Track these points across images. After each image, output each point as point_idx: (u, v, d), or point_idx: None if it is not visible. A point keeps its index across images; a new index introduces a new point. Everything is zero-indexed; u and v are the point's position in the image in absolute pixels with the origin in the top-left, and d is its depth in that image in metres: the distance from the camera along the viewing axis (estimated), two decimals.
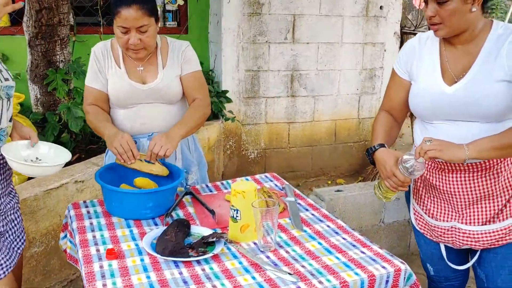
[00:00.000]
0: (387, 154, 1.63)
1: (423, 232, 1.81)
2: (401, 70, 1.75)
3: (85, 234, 1.60)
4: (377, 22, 4.43)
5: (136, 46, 1.87)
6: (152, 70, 1.99)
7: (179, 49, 2.03)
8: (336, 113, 4.59)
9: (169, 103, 2.02)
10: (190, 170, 2.13)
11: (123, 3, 1.81)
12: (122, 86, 1.97)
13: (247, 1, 3.99)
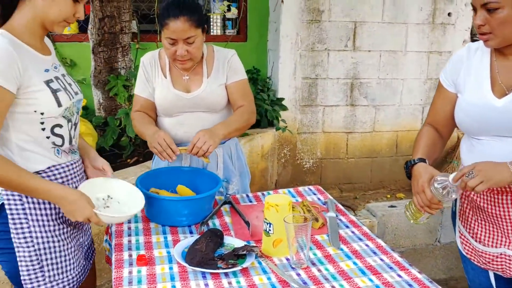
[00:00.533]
0: (424, 170, 1.53)
1: (470, 258, 1.67)
2: (447, 81, 1.64)
3: (122, 238, 1.63)
4: (444, 30, 4.21)
5: (183, 57, 1.89)
6: (197, 79, 2.01)
7: (225, 58, 2.04)
8: (398, 124, 4.41)
9: (212, 111, 2.03)
10: (231, 180, 2.12)
11: (170, 15, 1.83)
12: (167, 95, 2.01)
13: (307, 8, 3.94)
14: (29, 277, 1.45)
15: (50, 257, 1.48)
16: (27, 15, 1.42)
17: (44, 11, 1.42)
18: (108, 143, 3.28)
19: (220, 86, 2.02)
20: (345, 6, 3.99)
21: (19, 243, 1.43)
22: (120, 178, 2.80)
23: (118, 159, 3.36)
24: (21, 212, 1.43)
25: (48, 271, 1.47)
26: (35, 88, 1.40)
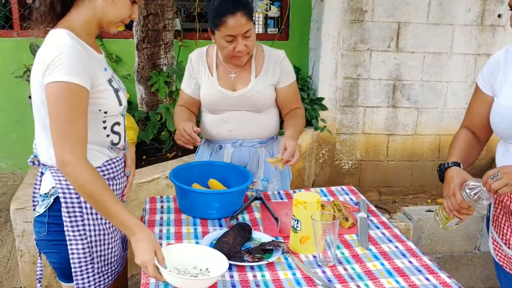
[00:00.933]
0: (457, 174, 1.49)
1: (502, 265, 1.61)
2: (484, 84, 1.59)
3: (153, 228, 1.68)
4: (494, 32, 4.06)
5: (243, 52, 1.89)
6: (244, 77, 2.01)
7: (276, 59, 2.01)
8: (441, 127, 4.29)
9: (257, 111, 2.03)
10: (271, 180, 2.11)
11: (227, 12, 1.82)
12: (212, 93, 2.02)
13: (350, 8, 3.90)
14: (80, 269, 1.48)
15: (100, 249, 1.51)
16: (85, 14, 1.43)
17: (103, 12, 1.43)
18: (149, 137, 3.37)
19: (268, 86, 2.00)
20: (389, 6, 3.92)
21: (73, 236, 1.45)
22: (159, 171, 2.89)
23: (158, 153, 3.44)
24: (77, 206, 1.45)
25: (97, 263, 1.50)
26: (102, 88, 1.42)
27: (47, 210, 1.47)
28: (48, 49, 1.35)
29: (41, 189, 1.49)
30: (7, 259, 2.95)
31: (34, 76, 1.39)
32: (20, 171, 4.27)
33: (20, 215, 2.39)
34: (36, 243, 1.59)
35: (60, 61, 1.31)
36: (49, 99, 1.32)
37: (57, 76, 1.31)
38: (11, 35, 4.02)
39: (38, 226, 1.51)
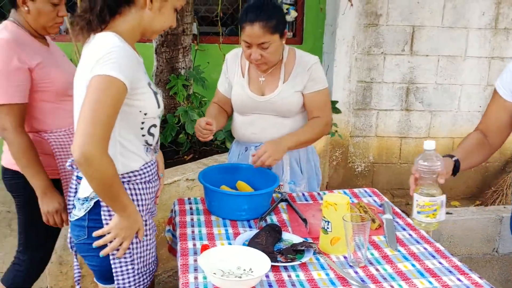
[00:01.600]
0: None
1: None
2: (504, 90, 1.61)
3: (185, 229, 1.72)
4: (508, 35, 4.09)
5: (257, 61, 1.93)
6: (273, 83, 2.03)
7: (306, 65, 2.01)
8: (455, 130, 4.31)
9: (283, 116, 2.05)
10: (298, 183, 2.14)
11: (247, 20, 1.86)
12: (241, 95, 2.06)
13: (364, 12, 3.94)
14: (121, 270, 1.50)
15: (140, 251, 1.53)
16: (132, 22, 1.45)
17: (150, 22, 1.47)
18: (167, 139, 3.41)
19: (295, 92, 2.01)
20: (404, 10, 3.96)
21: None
22: (179, 173, 2.93)
23: (176, 155, 3.48)
24: None
25: (137, 264, 1.53)
26: (143, 90, 1.44)
27: (86, 213, 1.48)
28: (99, 47, 1.36)
29: (80, 193, 1.50)
30: None
31: (81, 75, 1.40)
32: None
33: None
34: (71, 246, 1.63)
35: (110, 57, 1.33)
36: (91, 89, 1.32)
37: (104, 69, 1.32)
38: None
39: (77, 230, 1.52)
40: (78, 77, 1.43)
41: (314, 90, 2.03)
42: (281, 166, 2.11)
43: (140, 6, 1.44)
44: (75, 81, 1.46)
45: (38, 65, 1.80)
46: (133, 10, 1.44)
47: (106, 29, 1.43)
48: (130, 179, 1.50)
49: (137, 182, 1.51)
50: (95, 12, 1.41)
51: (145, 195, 1.54)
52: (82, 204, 1.50)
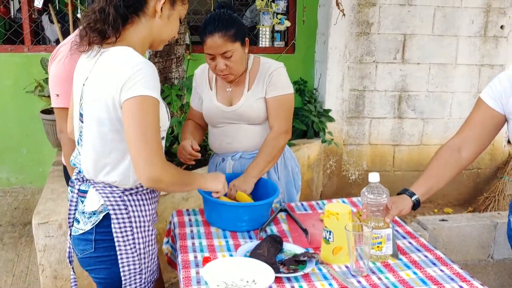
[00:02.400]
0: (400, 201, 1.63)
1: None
2: (493, 101, 1.63)
3: (185, 241, 1.71)
4: (497, 43, 4.15)
5: (223, 72, 1.94)
6: (239, 92, 2.05)
7: (267, 71, 2.02)
8: (447, 137, 4.30)
9: (254, 123, 2.07)
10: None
11: (207, 32, 1.88)
12: (210, 107, 2.09)
13: (356, 20, 3.97)
14: (130, 280, 1.50)
15: (147, 260, 1.53)
16: (142, 32, 1.45)
17: (159, 31, 1.47)
18: None
19: (258, 100, 2.02)
20: (395, 18, 4.00)
21: (124, 250, 1.47)
22: None
23: None
24: (127, 220, 1.47)
25: (144, 273, 1.53)
26: (161, 103, 1.43)
27: (94, 227, 1.47)
28: (123, 65, 1.35)
29: (87, 207, 1.48)
30: (25, 274, 2.95)
31: (103, 91, 1.37)
32: (30, 185, 4.27)
33: (42, 230, 2.41)
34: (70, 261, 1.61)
35: (140, 76, 1.33)
36: (132, 111, 1.33)
37: (140, 90, 1.33)
38: (22, 50, 4.05)
39: (83, 244, 1.50)
40: (97, 92, 1.39)
41: (271, 96, 2.01)
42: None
43: (150, 15, 1.44)
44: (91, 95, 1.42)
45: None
46: (143, 20, 1.44)
47: (119, 40, 1.42)
48: (138, 190, 1.50)
49: (144, 192, 1.52)
50: (108, 22, 1.39)
51: (150, 204, 1.55)
52: (89, 218, 1.49)
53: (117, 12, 1.39)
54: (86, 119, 1.45)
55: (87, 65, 1.46)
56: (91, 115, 1.42)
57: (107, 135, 1.42)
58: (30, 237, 3.26)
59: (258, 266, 1.42)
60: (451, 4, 4.01)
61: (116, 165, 1.45)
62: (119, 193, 1.47)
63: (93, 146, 1.45)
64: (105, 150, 1.43)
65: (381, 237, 1.57)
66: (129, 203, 1.48)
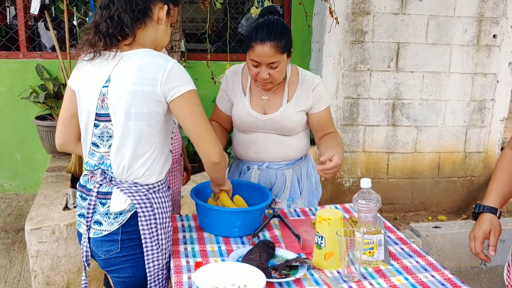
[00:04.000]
0: (488, 220, 1.58)
1: (506, 286, 1.66)
2: None
3: (178, 246, 1.71)
4: (489, 52, 4.19)
5: (265, 80, 1.91)
6: (276, 101, 2.01)
7: (310, 85, 1.99)
8: (441, 145, 4.38)
9: (286, 134, 2.05)
10: (295, 201, 2.13)
11: (258, 39, 1.84)
12: (242, 114, 2.03)
13: (350, 29, 4.01)
14: (155, 277, 1.57)
15: (167, 256, 1.60)
16: (150, 37, 1.55)
17: (162, 36, 1.59)
18: None
19: (299, 112, 2.00)
20: (389, 27, 4.04)
21: (150, 246, 1.54)
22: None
23: None
24: (152, 218, 1.54)
25: (165, 269, 1.60)
26: None
27: (120, 227, 1.52)
28: (157, 63, 1.47)
29: (113, 208, 1.52)
30: (17, 280, 2.93)
31: (140, 88, 1.46)
32: (23, 192, 4.26)
33: (35, 236, 2.40)
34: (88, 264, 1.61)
35: (179, 73, 1.48)
36: (190, 108, 1.50)
37: (186, 86, 1.49)
38: (18, 56, 4.06)
39: (108, 245, 1.54)
40: (132, 88, 1.47)
41: (322, 109, 2.03)
42: (283, 182, 2.11)
43: (155, 20, 1.55)
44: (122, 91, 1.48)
45: None
46: (150, 25, 1.54)
47: (135, 43, 1.52)
48: (160, 188, 1.59)
49: (164, 190, 1.61)
50: (123, 25, 1.48)
51: (169, 201, 1.63)
52: (115, 218, 1.53)
53: (130, 17, 1.49)
54: (117, 116, 1.49)
55: (103, 69, 1.51)
56: (124, 111, 1.48)
57: (144, 129, 1.50)
58: (23, 243, 3.25)
59: (250, 271, 1.42)
60: (444, 13, 4.05)
61: (147, 159, 1.53)
62: (144, 191, 1.54)
63: (129, 141, 1.51)
64: (140, 143, 1.51)
65: (372, 242, 1.58)
66: (154, 200, 1.56)
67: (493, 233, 1.58)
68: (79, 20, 3.90)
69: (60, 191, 2.90)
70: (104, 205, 1.54)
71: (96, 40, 1.49)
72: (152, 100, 1.48)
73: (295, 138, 2.06)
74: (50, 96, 3.87)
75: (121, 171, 1.53)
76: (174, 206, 2.19)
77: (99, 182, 1.54)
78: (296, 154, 2.10)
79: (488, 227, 1.58)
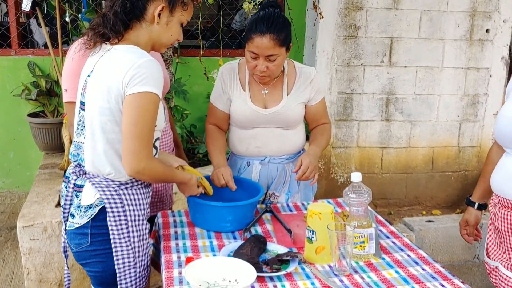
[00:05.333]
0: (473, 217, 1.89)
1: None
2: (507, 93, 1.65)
3: (169, 242, 1.70)
4: (482, 46, 4.19)
5: (262, 73, 1.91)
6: (276, 95, 2.02)
7: (307, 77, 2.03)
8: (434, 140, 4.38)
9: (286, 128, 2.06)
10: (293, 194, 2.14)
11: (257, 31, 1.84)
12: (244, 110, 2.02)
13: (343, 24, 4.00)
14: (124, 274, 1.54)
15: (141, 254, 1.58)
16: (142, 36, 1.53)
17: (158, 36, 1.55)
18: None
19: (299, 104, 2.03)
20: (382, 22, 4.03)
21: (119, 243, 1.51)
22: None
23: None
24: (122, 214, 1.52)
25: (139, 267, 1.57)
26: (160, 102, 1.51)
27: (90, 220, 1.52)
28: (130, 60, 1.44)
29: (83, 201, 1.53)
30: (10, 278, 2.92)
31: (107, 82, 1.45)
32: (17, 190, 4.24)
33: (27, 233, 2.39)
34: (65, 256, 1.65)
35: (145, 73, 1.42)
36: (132, 106, 1.43)
37: (143, 87, 1.42)
38: (10, 53, 4.03)
39: (79, 238, 1.55)
40: (103, 84, 1.47)
41: (319, 101, 2.07)
42: (284, 176, 2.11)
43: (149, 21, 1.53)
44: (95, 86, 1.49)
45: None
46: (144, 25, 1.53)
47: (122, 42, 1.51)
48: (133, 184, 1.56)
49: (139, 187, 1.57)
50: (109, 27, 1.48)
51: (145, 199, 1.60)
52: (85, 212, 1.53)
53: (116, 18, 1.49)
54: (88, 108, 1.51)
55: (92, 60, 1.55)
56: (93, 104, 1.49)
57: (106, 124, 1.48)
58: (16, 241, 3.23)
59: (240, 265, 1.42)
60: (437, 8, 4.05)
61: (111, 157, 1.50)
62: (114, 187, 1.52)
63: (93, 138, 1.51)
64: (103, 139, 1.49)
65: (363, 236, 1.58)
66: (124, 197, 1.53)
67: (469, 223, 1.89)
68: (71, 17, 3.87)
69: (53, 188, 2.88)
70: (77, 197, 1.55)
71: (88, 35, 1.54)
72: (116, 97, 1.45)
73: (294, 131, 2.08)
74: (42, 93, 3.85)
75: (89, 164, 1.53)
76: (166, 202, 2.18)
77: (77, 173, 1.56)
78: (296, 148, 2.13)
79: (466, 218, 1.90)
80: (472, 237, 1.94)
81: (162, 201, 2.12)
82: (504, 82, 4.30)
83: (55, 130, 3.71)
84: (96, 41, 1.52)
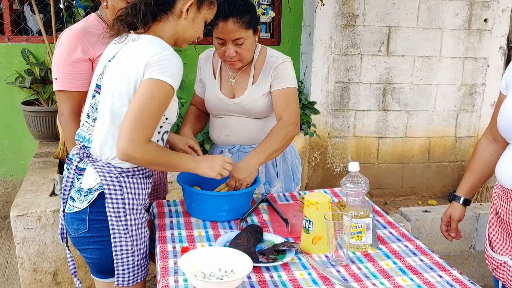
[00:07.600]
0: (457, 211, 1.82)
1: (487, 264, 1.68)
2: (503, 84, 1.61)
3: (164, 231, 1.69)
4: (480, 36, 4.17)
5: (232, 58, 1.89)
6: (242, 84, 2.00)
7: (273, 64, 1.96)
8: (431, 130, 4.37)
9: (255, 117, 2.03)
10: (273, 184, 2.12)
11: (220, 16, 1.82)
12: (212, 97, 2.03)
13: (341, 12, 3.96)
14: (122, 261, 1.54)
15: (139, 243, 1.58)
16: (169, 30, 1.55)
17: (183, 31, 1.58)
18: None
19: (263, 95, 1.97)
20: (380, 11, 4.00)
21: (117, 230, 1.51)
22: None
23: None
24: (120, 201, 1.51)
25: (137, 256, 1.57)
26: (175, 97, 1.55)
27: (88, 207, 1.51)
28: (153, 48, 1.45)
29: (84, 184, 1.53)
30: (4, 267, 2.91)
31: (128, 67, 1.47)
32: (11, 178, 4.20)
33: (20, 222, 2.37)
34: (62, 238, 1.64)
35: (165, 63, 1.43)
36: (141, 91, 1.44)
37: (160, 75, 1.43)
38: (3, 40, 3.97)
39: (77, 223, 1.54)
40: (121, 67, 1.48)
41: (278, 88, 1.94)
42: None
43: (177, 15, 1.55)
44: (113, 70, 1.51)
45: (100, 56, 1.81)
46: (171, 19, 1.55)
47: (148, 33, 1.52)
48: (134, 173, 1.56)
49: (140, 176, 1.57)
50: (138, 16, 1.50)
51: (144, 189, 1.59)
52: (85, 196, 1.52)
53: (147, 9, 1.51)
54: (104, 91, 1.52)
55: (115, 48, 1.55)
56: (110, 88, 1.50)
57: (120, 109, 1.48)
58: (10, 230, 3.21)
59: (236, 255, 1.40)
60: None
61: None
62: (116, 173, 1.52)
63: (105, 118, 1.51)
64: (114, 123, 1.49)
65: (360, 226, 1.57)
66: (125, 184, 1.53)
67: (452, 218, 1.82)
68: (66, 4, 3.81)
69: (47, 177, 2.85)
70: (78, 180, 1.55)
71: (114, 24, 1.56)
72: (135, 82, 1.47)
73: (265, 121, 2.04)
74: (36, 81, 3.80)
75: (96, 147, 1.53)
76: (160, 190, 2.16)
77: (80, 155, 1.56)
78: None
79: (449, 212, 1.83)
80: (454, 233, 1.85)
81: (156, 189, 2.10)
82: (502, 72, 4.29)
83: (50, 118, 3.67)
84: (121, 30, 1.54)
